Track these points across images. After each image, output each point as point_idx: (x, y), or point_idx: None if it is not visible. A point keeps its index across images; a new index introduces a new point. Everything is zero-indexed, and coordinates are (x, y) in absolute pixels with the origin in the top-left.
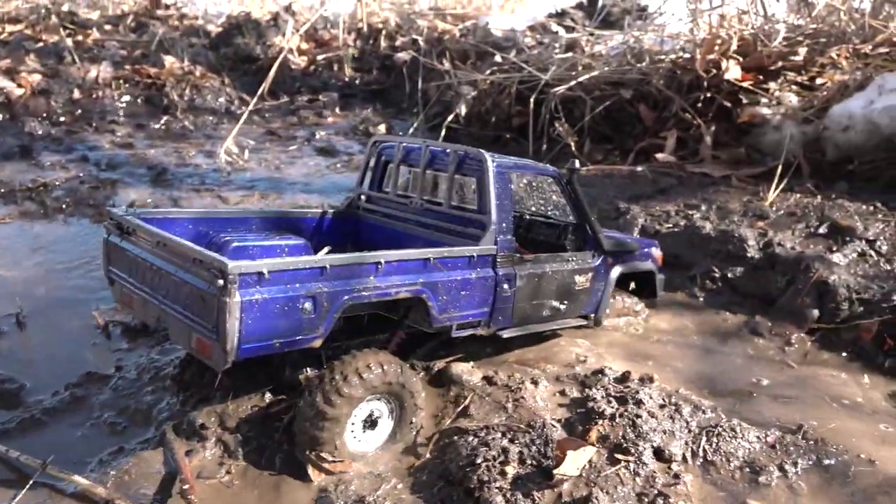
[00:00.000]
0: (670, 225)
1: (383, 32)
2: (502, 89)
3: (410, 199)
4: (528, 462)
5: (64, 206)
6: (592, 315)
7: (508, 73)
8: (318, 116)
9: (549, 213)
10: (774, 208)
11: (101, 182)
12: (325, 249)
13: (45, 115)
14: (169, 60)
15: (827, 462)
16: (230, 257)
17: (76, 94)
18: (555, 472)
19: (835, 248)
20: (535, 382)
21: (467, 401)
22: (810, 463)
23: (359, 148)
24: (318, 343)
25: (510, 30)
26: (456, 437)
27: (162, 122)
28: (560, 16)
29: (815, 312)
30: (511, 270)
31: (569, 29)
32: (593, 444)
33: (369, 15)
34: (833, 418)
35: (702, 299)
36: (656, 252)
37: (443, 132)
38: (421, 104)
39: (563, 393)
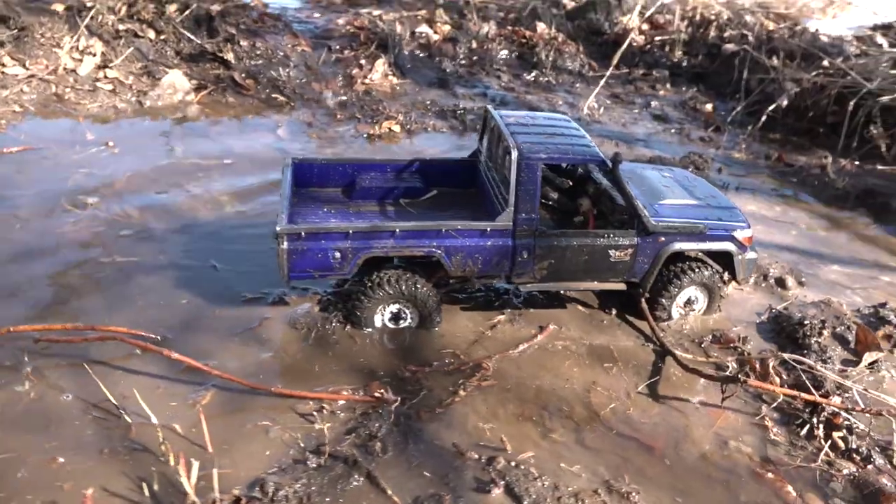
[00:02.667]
0: None
1: (714, 24)
2: (822, 89)
3: (487, 163)
4: (835, 333)
5: (478, 126)
6: (640, 280)
7: (832, 77)
8: (652, 88)
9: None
10: None
11: None
12: (432, 192)
13: (452, 57)
14: (541, 26)
15: None
16: (355, 195)
17: (473, 44)
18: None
19: None
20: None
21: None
22: None
23: (689, 119)
24: (345, 276)
25: (838, 37)
26: (785, 312)
27: (532, 75)
28: (886, 28)
29: None
30: (530, 242)
31: (892, 44)
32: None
33: (704, 6)
34: None
35: None
36: (741, 233)
37: (762, 118)
38: (743, 92)
39: (857, 311)
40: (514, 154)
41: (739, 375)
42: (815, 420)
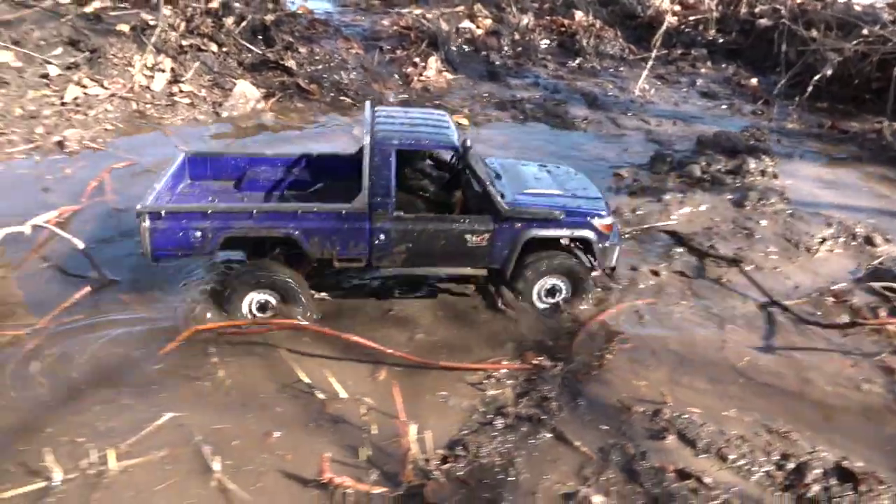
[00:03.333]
0: None
1: (744, 0)
2: (864, 57)
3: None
4: None
5: (538, 114)
6: (500, 266)
7: (873, 45)
8: (692, 67)
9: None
10: None
11: (556, 101)
12: (318, 185)
13: (497, 49)
14: (578, 14)
15: None
16: (244, 187)
17: (515, 36)
18: None
19: None
20: None
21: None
22: None
23: (735, 95)
24: (206, 255)
25: (869, 5)
26: (881, 267)
27: (576, 62)
28: None
29: None
30: (386, 225)
31: None
32: None
33: None
34: None
35: None
36: (600, 221)
37: (808, 89)
38: (783, 65)
39: None
40: (367, 140)
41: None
42: None
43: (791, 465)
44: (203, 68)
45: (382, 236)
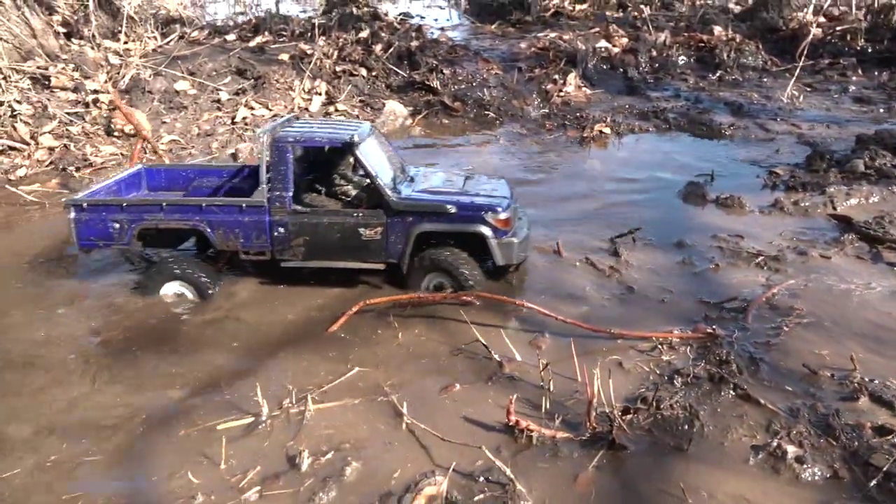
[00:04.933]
0: None
1: (895, 9)
2: None
3: None
4: None
5: (682, 123)
6: (398, 261)
7: None
8: (842, 76)
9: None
10: None
11: (699, 110)
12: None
13: (635, 66)
14: (717, 29)
15: None
16: (191, 195)
17: (653, 52)
18: None
19: None
20: None
21: None
22: None
23: (893, 99)
24: (125, 246)
25: None
26: None
27: (716, 75)
28: None
29: None
30: (284, 218)
31: None
32: None
33: None
34: None
35: None
36: (494, 216)
37: None
38: None
39: None
40: (264, 138)
41: None
42: None
43: None
44: (355, 90)
45: (281, 229)
